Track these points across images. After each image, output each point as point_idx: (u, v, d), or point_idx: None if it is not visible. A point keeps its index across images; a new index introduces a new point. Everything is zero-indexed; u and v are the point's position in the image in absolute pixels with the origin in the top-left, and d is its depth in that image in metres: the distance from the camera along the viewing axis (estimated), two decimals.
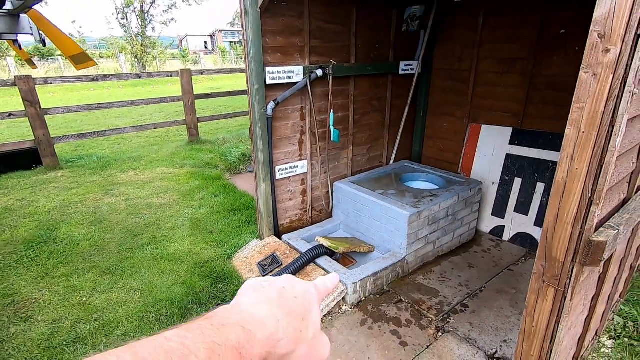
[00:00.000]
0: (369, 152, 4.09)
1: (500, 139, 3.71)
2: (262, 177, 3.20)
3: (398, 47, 3.84)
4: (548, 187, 3.39)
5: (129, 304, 2.71)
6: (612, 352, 2.36)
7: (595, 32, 1.11)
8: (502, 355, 2.29)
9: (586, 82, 1.16)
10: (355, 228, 3.49)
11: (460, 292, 2.90)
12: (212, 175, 5.35)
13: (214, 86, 15.66)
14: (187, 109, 6.44)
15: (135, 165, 5.67)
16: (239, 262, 3.22)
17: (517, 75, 3.49)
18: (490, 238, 3.73)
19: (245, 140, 6.98)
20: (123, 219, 4.00)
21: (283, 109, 3.20)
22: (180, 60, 25.38)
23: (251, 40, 2.78)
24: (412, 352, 2.32)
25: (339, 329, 2.52)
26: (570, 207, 1.29)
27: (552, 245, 1.37)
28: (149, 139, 7.64)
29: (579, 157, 1.23)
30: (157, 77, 6.78)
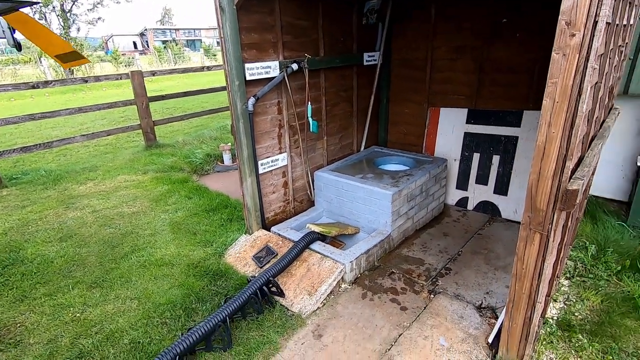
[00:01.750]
0: (341, 140, 4.29)
1: (457, 119, 4.12)
2: (248, 172, 3.25)
3: (360, 40, 4.06)
4: (502, 159, 3.85)
5: (128, 313, 2.65)
6: (569, 289, 2.82)
7: (563, 21, 1.38)
8: (487, 304, 2.63)
9: (558, 61, 1.44)
10: (339, 213, 3.68)
11: (442, 258, 3.23)
12: (180, 178, 5.21)
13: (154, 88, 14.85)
14: (142, 112, 6.14)
15: (92, 176, 5.32)
16: (232, 258, 3.25)
17: (468, 61, 3.89)
18: (457, 209, 4.14)
19: (206, 140, 6.83)
20: (95, 231, 3.80)
21: (262, 104, 3.27)
22: (111, 63, 23.56)
23: (229, 37, 2.81)
24: (412, 314, 2.57)
25: (344, 305, 2.70)
26: (550, 164, 1.58)
27: (536, 198, 1.66)
28: (99, 148, 7.14)
29: (554, 123, 1.52)
30: (106, 81, 6.35)
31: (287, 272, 2.93)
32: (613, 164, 3.93)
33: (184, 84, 15.95)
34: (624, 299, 2.63)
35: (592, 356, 2.19)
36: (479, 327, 2.41)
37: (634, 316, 2.49)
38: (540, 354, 2.20)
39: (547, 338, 2.32)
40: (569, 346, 2.27)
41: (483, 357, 2.19)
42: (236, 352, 2.29)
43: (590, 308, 2.59)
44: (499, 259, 3.17)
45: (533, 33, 3.42)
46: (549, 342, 2.28)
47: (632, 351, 2.22)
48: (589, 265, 2.99)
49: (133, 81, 5.96)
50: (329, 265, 2.90)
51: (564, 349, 2.25)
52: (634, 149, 3.79)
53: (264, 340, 2.37)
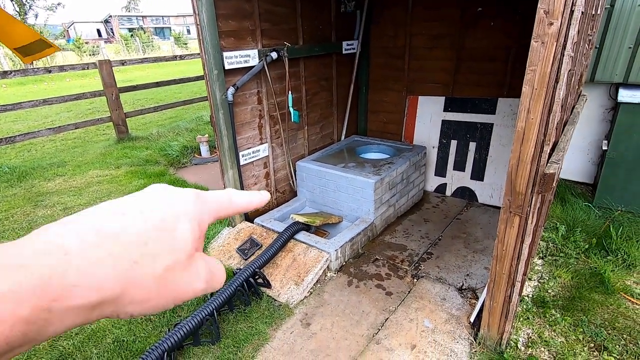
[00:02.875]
0: (322, 130, 4.28)
1: (435, 107, 4.19)
2: (229, 164, 3.19)
3: (339, 28, 4.03)
4: (478, 145, 3.96)
5: None
6: (542, 268, 2.97)
7: (541, 10, 1.42)
8: (468, 286, 2.74)
9: (537, 49, 1.48)
10: (322, 202, 3.69)
11: (423, 243, 3.32)
12: (156, 171, 5.06)
13: (123, 78, 14.22)
14: (112, 104, 5.87)
15: (60, 172, 5.07)
16: (216, 251, 3.21)
17: (445, 50, 3.95)
18: (436, 195, 4.25)
19: (182, 132, 6.64)
20: None
21: (241, 93, 3.20)
22: (74, 52, 22.30)
23: (206, 25, 2.72)
24: (397, 299, 2.64)
25: (330, 292, 2.74)
26: (529, 149, 1.64)
27: (516, 182, 1.73)
28: (67, 142, 6.79)
29: (533, 109, 1.57)
30: (71, 71, 6.00)
31: (273, 263, 2.93)
32: (580, 148, 4.14)
33: (155, 74, 15.34)
34: (592, 274, 2.81)
35: (565, 329, 2.33)
36: (461, 308, 2.51)
37: (601, 290, 2.67)
38: (518, 329, 2.32)
39: (524, 315, 2.44)
40: (544, 321, 2.41)
41: (465, 336, 2.28)
42: (225, 344, 2.29)
43: (561, 285, 2.75)
44: (478, 242, 3.29)
45: (507, 22, 3.50)
46: (526, 319, 2.41)
47: (600, 323, 2.38)
48: (559, 245, 3.16)
49: (101, 71, 5.67)
50: (314, 254, 2.92)
51: (539, 324, 2.39)
52: (599, 134, 4.00)
53: (253, 331, 2.37)
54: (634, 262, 2.91)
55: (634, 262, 2.91)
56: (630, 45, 3.40)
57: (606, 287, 2.67)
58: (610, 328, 2.34)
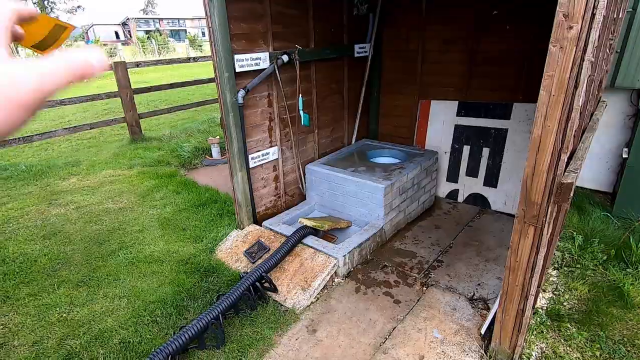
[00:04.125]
0: (332, 133, 4.25)
1: (448, 112, 4.12)
2: (238, 166, 3.19)
3: (351, 31, 4.00)
4: (492, 151, 3.87)
5: (117, 312, 2.59)
6: (557, 279, 2.87)
7: (560, 13, 1.37)
8: (479, 296, 2.66)
9: (555, 54, 1.42)
10: (331, 207, 3.66)
11: (433, 250, 3.25)
12: (167, 172, 5.10)
13: (138, 80, 14.47)
14: (126, 105, 5.97)
15: (75, 171, 5.16)
16: (224, 253, 3.20)
17: (459, 53, 3.88)
18: (448, 201, 4.16)
19: (193, 134, 6.70)
20: (80, 228, 3.69)
21: (252, 96, 3.20)
22: None
23: (217, 27, 2.72)
24: (406, 307, 2.58)
25: (337, 299, 2.69)
26: (545, 158, 1.58)
27: (531, 191, 1.66)
28: (82, 142, 6.93)
29: (550, 116, 1.51)
30: None
31: (280, 267, 2.90)
32: (599, 156, 4.01)
33: (169, 76, 15.56)
34: (610, 288, 2.70)
35: (581, 345, 2.24)
36: (471, 319, 2.44)
37: (620, 304, 2.56)
38: (531, 344, 2.24)
39: (538, 328, 2.36)
40: (559, 335, 2.32)
41: (476, 349, 2.21)
42: (230, 349, 2.27)
43: (578, 297, 2.65)
44: (490, 251, 3.20)
45: (523, 25, 3.42)
46: (539, 332, 2.32)
47: (619, 339, 2.27)
48: (576, 256, 3.05)
49: (116, 73, 5.77)
50: (322, 259, 2.88)
51: (554, 338, 2.30)
52: (619, 141, 3.87)
53: (258, 336, 2.35)
54: None
55: None
56: None
57: (625, 301, 2.56)
58: (630, 345, 2.23)
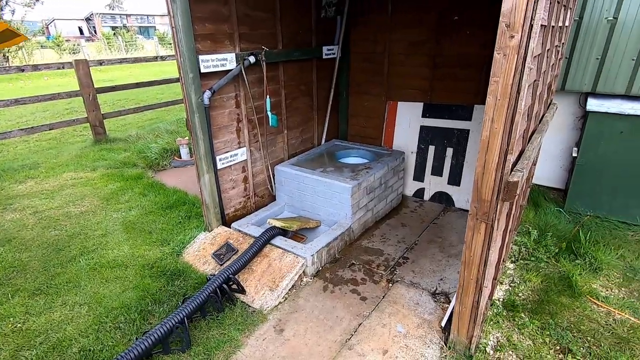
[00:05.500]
0: (302, 134, 4.28)
1: (414, 113, 4.25)
2: (205, 168, 3.16)
3: (319, 33, 4.05)
4: (455, 151, 4.04)
5: (77, 320, 2.50)
6: (514, 272, 3.04)
7: (503, 22, 1.46)
8: (441, 290, 2.77)
9: (499, 61, 1.52)
10: (300, 207, 3.69)
11: (400, 247, 3.35)
12: (133, 174, 4.95)
13: (103, 78, 13.92)
14: (89, 104, 5.74)
15: (33, 174, 4.91)
16: (191, 256, 3.16)
17: (423, 56, 4.01)
18: (414, 200, 4.30)
19: (161, 134, 6.53)
20: (38, 234, 3.53)
21: (218, 97, 3.17)
22: (53, 50, 21.72)
23: (180, 27, 2.69)
24: (372, 304, 2.65)
25: (305, 298, 2.73)
26: (493, 158, 1.68)
27: (481, 189, 1.76)
28: (41, 143, 6.59)
29: (497, 119, 1.61)
30: (46, 70, 5.83)
31: (248, 269, 2.90)
32: (552, 155, 4.26)
33: (137, 74, 15.08)
34: (560, 278, 2.89)
35: (533, 333, 2.39)
36: (433, 312, 2.54)
37: (568, 293, 2.74)
38: (488, 333, 2.36)
39: (494, 318, 2.49)
40: (513, 325, 2.46)
41: (437, 341, 2.31)
42: (195, 352, 2.25)
43: (531, 288, 2.82)
44: (452, 247, 3.34)
45: (482, 30, 3.59)
46: (496, 322, 2.45)
47: (566, 325, 2.44)
48: (531, 249, 3.24)
49: (78, 71, 5.54)
50: (290, 259, 2.91)
51: (508, 327, 2.44)
52: (570, 141, 4.13)
53: (225, 338, 2.34)
54: (601, 266, 3.00)
55: (600, 265, 3.01)
56: (597, 57, 3.53)
57: (573, 290, 2.75)
58: (576, 331, 2.41)
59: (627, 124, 3.38)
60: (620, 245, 3.27)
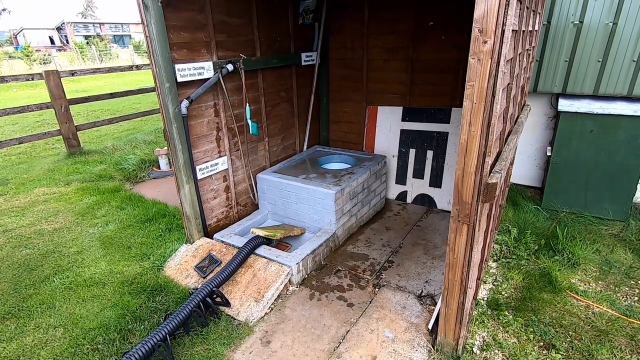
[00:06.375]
0: (283, 141, 4.26)
1: (394, 117, 4.30)
2: (185, 179, 3.08)
3: (297, 40, 4.05)
4: (435, 154, 4.10)
5: (51, 343, 2.38)
6: (497, 271, 3.09)
7: (476, 28, 1.49)
8: (427, 292, 2.79)
9: (474, 65, 1.55)
10: (284, 214, 3.65)
11: (385, 251, 3.36)
12: (110, 187, 4.80)
13: (76, 88, 13.52)
14: (61, 116, 5.54)
15: (1, 191, 4.69)
16: (172, 270, 3.07)
17: (401, 62, 4.07)
18: (397, 203, 4.33)
19: (139, 145, 6.37)
20: (8, 253, 3.35)
21: (196, 106, 3.12)
22: (22, 60, 20.96)
23: (155, 37, 2.63)
24: (359, 309, 2.64)
25: (292, 307, 2.69)
26: (472, 161, 1.70)
27: (462, 192, 1.79)
28: (10, 157, 6.30)
29: (474, 122, 1.64)
30: (14, 82, 5.59)
31: (233, 280, 2.84)
32: (528, 154, 4.39)
33: (112, 84, 14.70)
34: (541, 275, 2.96)
35: (517, 330, 2.43)
36: (420, 315, 2.55)
37: (549, 289, 2.81)
38: (474, 333, 2.38)
39: (479, 318, 2.52)
40: (498, 323, 2.49)
41: (424, 344, 2.32)
42: None
43: (514, 286, 2.87)
44: (437, 248, 3.38)
45: (456, 35, 3.67)
46: (481, 322, 2.48)
47: (549, 321, 2.49)
48: (512, 247, 3.31)
49: (48, 82, 5.34)
50: (275, 269, 2.87)
51: (494, 326, 2.47)
52: (544, 141, 4.27)
53: (210, 354, 2.28)
54: (578, 261, 3.09)
55: (578, 260, 3.10)
56: (566, 59, 3.67)
57: (554, 286, 2.82)
58: (558, 326, 2.46)
59: (596, 122, 3.52)
60: (596, 240, 3.39)
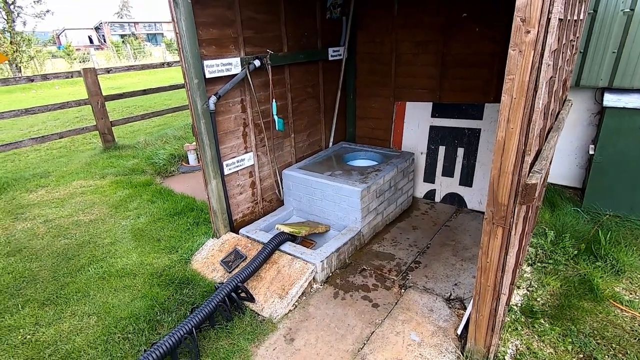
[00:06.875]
0: (309, 137, 4.23)
1: (423, 113, 4.17)
2: (212, 174, 3.12)
3: (325, 34, 4.00)
4: (467, 151, 3.94)
5: (86, 331, 2.48)
6: (531, 275, 2.93)
7: (518, 17, 1.39)
8: (456, 296, 2.68)
9: (515, 57, 1.44)
10: (309, 211, 3.63)
11: (411, 251, 3.26)
12: (142, 181, 4.96)
13: (112, 85, 14.11)
14: (97, 112, 5.78)
15: (43, 183, 4.96)
16: (199, 264, 3.13)
17: (431, 55, 3.93)
18: (425, 202, 4.21)
19: (169, 140, 6.55)
20: (48, 243, 3.54)
21: (224, 102, 3.14)
22: (64, 59, 22.12)
23: (185, 33, 2.66)
24: (384, 311, 2.58)
25: (316, 305, 2.67)
26: (510, 160, 1.60)
27: (498, 192, 1.68)
28: (52, 152, 6.67)
29: (513, 119, 1.53)
30: (55, 80, 5.90)
31: (257, 276, 2.85)
32: (567, 153, 4.13)
33: (145, 81, 15.24)
34: (581, 281, 2.77)
35: (554, 340, 2.29)
36: (448, 319, 2.46)
37: (590, 297, 2.63)
38: (506, 341, 2.27)
39: (512, 325, 2.39)
40: (532, 332, 2.36)
41: (452, 349, 2.23)
42: None
43: (550, 293, 2.71)
44: (466, 250, 3.25)
45: (491, 27, 3.49)
46: (514, 329, 2.36)
47: (589, 332, 2.33)
48: (548, 251, 3.13)
49: (86, 79, 5.58)
50: (299, 266, 2.85)
51: (528, 335, 2.34)
52: (586, 138, 4.00)
53: (234, 348, 2.30)
54: (623, 268, 2.88)
55: (622, 267, 2.88)
56: (614, 50, 3.40)
57: (595, 294, 2.64)
58: (600, 337, 2.30)
59: None
60: None
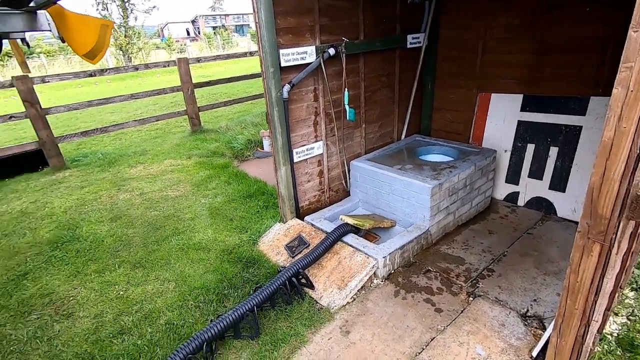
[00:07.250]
0: (381, 128, 4.11)
1: (511, 106, 3.74)
2: (282, 161, 3.22)
3: (404, 20, 3.80)
4: (561, 151, 3.45)
5: (165, 294, 2.78)
6: (635, 302, 2.48)
7: None
8: (534, 313, 2.39)
9: (636, 41, 1.18)
10: (375, 204, 3.54)
11: (484, 257, 2.99)
12: (221, 163, 5.35)
13: (202, 74, 15.37)
14: (187, 98, 6.35)
15: (142, 160, 5.64)
16: (265, 246, 3.28)
17: (525, 41, 3.48)
18: (506, 205, 3.81)
19: (247, 126, 6.94)
20: (142, 213, 4.02)
21: (297, 90, 3.19)
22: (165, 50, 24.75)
23: (264, 22, 2.74)
24: (448, 317, 2.42)
25: (374, 301, 2.61)
26: (618, 165, 1.34)
27: (598, 202, 1.43)
28: (150, 132, 7.55)
29: (627, 116, 1.27)
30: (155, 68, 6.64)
31: (318, 264, 2.88)
32: None
33: (231, 70, 16.32)
34: None
35: None
36: (523, 338, 2.20)
37: None
38: None
39: (605, 357, 2.06)
40: None
41: None
42: (263, 341, 2.31)
43: None
44: (551, 263, 2.87)
45: (606, 7, 2.95)
46: None
47: None
48: None
49: (179, 68, 6.16)
50: (360, 259, 2.81)
51: None
52: None
53: (291, 332, 2.36)
54: None
55: None
56: None
57: None
58: None
59: None
60: None
